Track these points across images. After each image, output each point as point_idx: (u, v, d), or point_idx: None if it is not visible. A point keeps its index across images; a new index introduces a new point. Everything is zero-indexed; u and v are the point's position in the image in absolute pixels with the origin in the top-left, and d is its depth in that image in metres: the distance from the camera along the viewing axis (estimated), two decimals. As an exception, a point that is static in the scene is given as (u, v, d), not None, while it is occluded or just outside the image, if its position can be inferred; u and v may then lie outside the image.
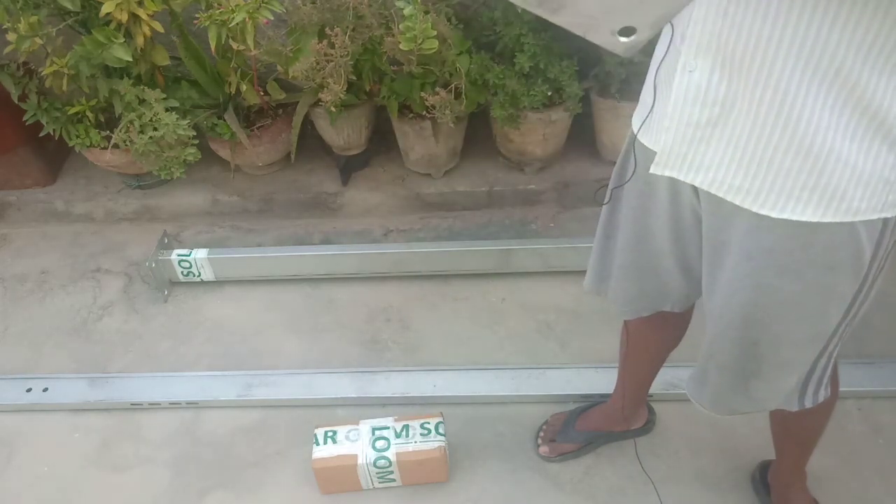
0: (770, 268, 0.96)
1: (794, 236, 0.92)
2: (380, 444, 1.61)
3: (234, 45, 2.02)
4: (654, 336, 1.43)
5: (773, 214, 0.90)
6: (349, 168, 2.53)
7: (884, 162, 0.85)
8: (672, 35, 0.92)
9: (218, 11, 1.96)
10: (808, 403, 1.16)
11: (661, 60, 0.96)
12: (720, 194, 0.94)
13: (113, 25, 2.01)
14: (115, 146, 2.22)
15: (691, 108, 0.90)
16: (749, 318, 1.03)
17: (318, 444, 1.62)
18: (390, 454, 1.59)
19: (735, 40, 0.82)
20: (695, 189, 1.01)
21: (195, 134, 2.21)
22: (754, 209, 0.92)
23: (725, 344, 1.09)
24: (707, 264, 1.07)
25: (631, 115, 1.11)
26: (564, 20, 0.68)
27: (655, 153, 1.00)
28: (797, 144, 0.85)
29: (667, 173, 0.98)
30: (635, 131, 1.06)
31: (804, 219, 0.89)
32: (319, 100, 2.15)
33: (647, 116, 1.02)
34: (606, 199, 1.20)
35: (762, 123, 0.85)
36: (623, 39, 0.68)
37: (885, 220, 0.90)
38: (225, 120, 2.30)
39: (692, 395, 1.23)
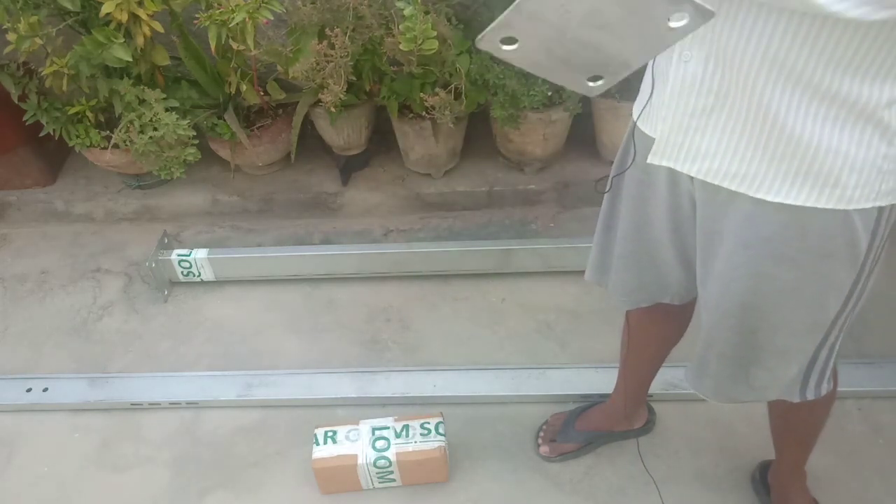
0: (767, 256, 0.97)
1: (790, 224, 0.93)
2: (380, 444, 1.61)
3: (234, 45, 2.02)
4: (655, 331, 1.44)
5: (769, 198, 0.92)
6: (349, 168, 2.53)
7: (876, 151, 0.86)
8: None
9: (218, 11, 1.96)
10: (811, 395, 1.16)
11: None
12: (716, 182, 0.95)
13: (113, 25, 2.01)
14: (115, 146, 2.22)
15: (687, 97, 0.92)
16: (747, 306, 1.04)
17: (318, 444, 1.62)
18: (390, 454, 1.59)
19: (728, 34, 0.83)
20: (692, 179, 1.02)
21: (195, 134, 2.21)
22: (750, 193, 0.93)
23: (724, 332, 1.10)
24: (701, 254, 1.08)
25: (631, 115, 1.11)
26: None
27: (654, 140, 1.01)
28: (787, 134, 0.86)
29: (664, 163, 1.00)
30: (635, 119, 1.08)
31: (798, 203, 0.90)
32: (319, 100, 2.15)
33: (646, 104, 1.03)
34: (607, 188, 1.21)
35: (754, 113, 0.87)
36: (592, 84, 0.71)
37: (881, 209, 0.91)
38: (225, 120, 2.30)
39: (692, 385, 1.24)
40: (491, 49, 0.66)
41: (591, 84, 0.70)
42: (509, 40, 0.65)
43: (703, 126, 0.93)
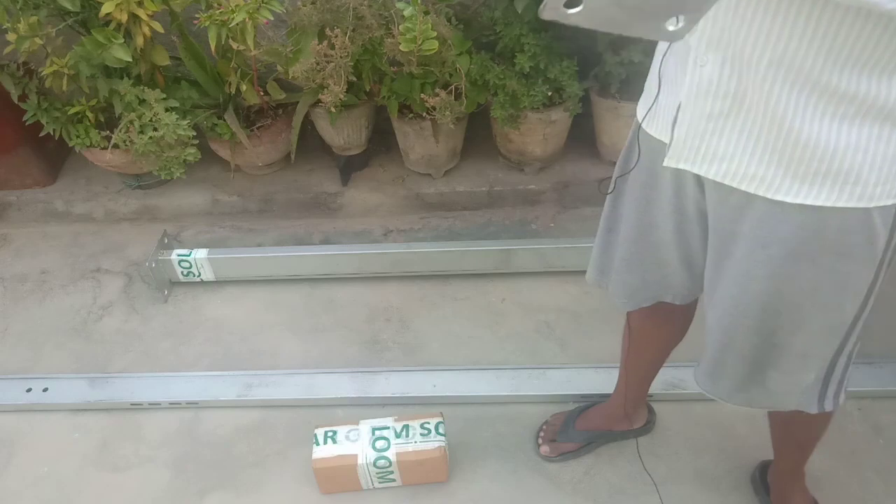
0: (786, 256, 0.96)
1: (807, 224, 0.92)
2: (380, 444, 1.61)
3: (234, 45, 2.02)
4: (656, 332, 1.43)
5: (788, 200, 0.91)
6: (349, 168, 2.53)
7: None
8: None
9: (218, 12, 1.96)
10: (829, 406, 1.15)
11: (667, 50, 0.97)
12: (734, 184, 0.94)
13: (112, 26, 2.02)
14: (115, 146, 2.22)
15: (703, 100, 0.91)
16: (766, 307, 1.03)
17: (318, 444, 1.62)
18: (390, 454, 1.59)
19: (744, 36, 0.83)
20: (698, 182, 1.02)
21: (195, 134, 2.21)
22: (769, 196, 0.92)
23: (742, 333, 1.08)
24: (713, 255, 1.07)
25: (631, 116, 1.11)
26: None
27: (660, 142, 1.01)
28: (805, 135, 0.85)
29: (681, 166, 0.99)
30: (639, 120, 1.07)
31: (818, 203, 0.89)
32: (319, 100, 2.15)
33: (651, 105, 1.02)
34: (610, 189, 1.21)
35: (771, 115, 0.86)
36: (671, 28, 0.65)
37: None
38: (225, 120, 2.30)
39: (706, 387, 1.21)
40: (556, 17, 0.60)
41: (671, 29, 0.64)
42: (573, 1, 0.60)
43: (719, 129, 0.92)
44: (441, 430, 1.63)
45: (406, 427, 1.64)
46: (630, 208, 1.17)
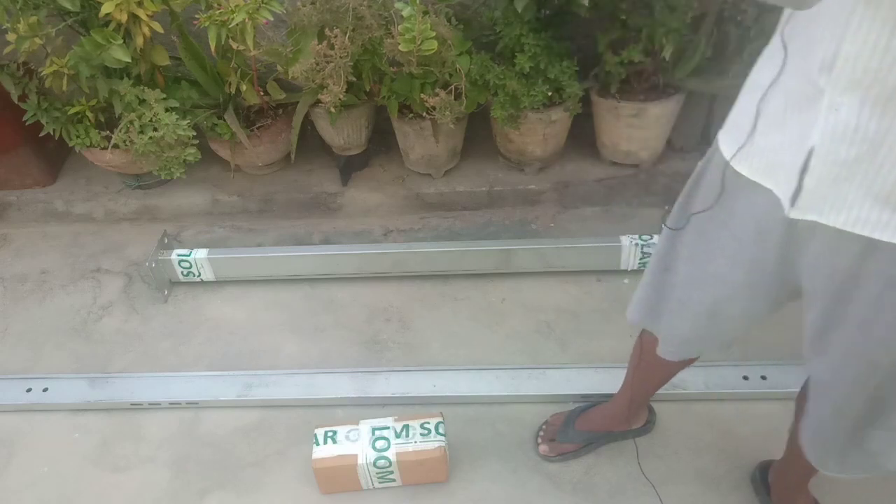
0: None
1: None
2: (380, 444, 1.61)
3: (234, 46, 2.02)
4: (672, 363, 1.39)
5: None
6: (349, 168, 2.53)
7: None
8: (784, 61, 0.88)
9: (218, 12, 1.96)
10: None
11: (770, 86, 0.91)
12: (864, 233, 0.88)
13: (112, 26, 2.01)
14: (115, 146, 2.22)
15: (838, 146, 0.85)
16: (878, 360, 0.98)
17: (318, 444, 1.62)
18: (390, 454, 1.59)
19: None
20: (791, 230, 0.96)
21: (195, 134, 2.21)
22: None
23: (850, 389, 1.02)
24: (823, 307, 1.01)
25: (631, 115, 1.08)
26: None
27: (756, 185, 0.96)
28: None
29: (808, 216, 0.92)
30: (728, 158, 1.00)
31: None
32: (319, 100, 2.15)
33: (745, 142, 0.96)
34: (681, 225, 1.12)
35: None
36: None
37: None
38: (225, 120, 2.30)
39: (813, 456, 1.15)
40: None
41: None
42: None
43: (851, 175, 0.86)
44: (441, 430, 1.63)
45: (406, 427, 1.64)
46: (695, 250, 1.11)
